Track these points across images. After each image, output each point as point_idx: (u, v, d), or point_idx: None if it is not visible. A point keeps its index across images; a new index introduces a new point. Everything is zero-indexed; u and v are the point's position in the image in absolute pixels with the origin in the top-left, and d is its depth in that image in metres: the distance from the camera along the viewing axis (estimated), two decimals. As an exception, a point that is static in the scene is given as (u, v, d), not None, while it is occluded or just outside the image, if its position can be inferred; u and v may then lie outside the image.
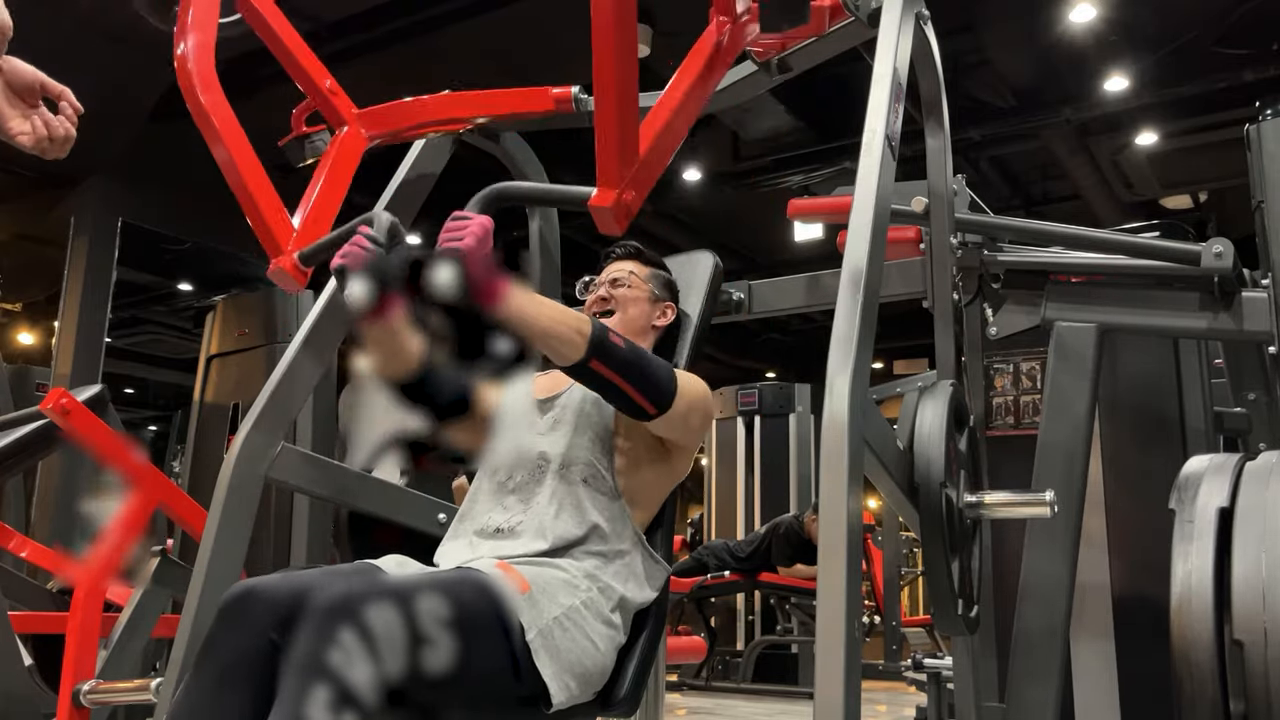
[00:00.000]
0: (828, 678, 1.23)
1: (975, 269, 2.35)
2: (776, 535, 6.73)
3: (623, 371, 1.58)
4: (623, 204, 1.36)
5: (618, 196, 1.36)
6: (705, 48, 1.52)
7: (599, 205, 1.36)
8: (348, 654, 1.26)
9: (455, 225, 1.44)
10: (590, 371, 1.56)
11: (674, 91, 1.48)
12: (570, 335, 1.53)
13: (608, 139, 1.33)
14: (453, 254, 1.37)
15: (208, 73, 1.65)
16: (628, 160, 1.35)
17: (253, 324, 4.84)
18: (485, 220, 1.44)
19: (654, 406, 1.64)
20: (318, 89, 1.87)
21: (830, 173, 6.97)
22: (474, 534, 1.72)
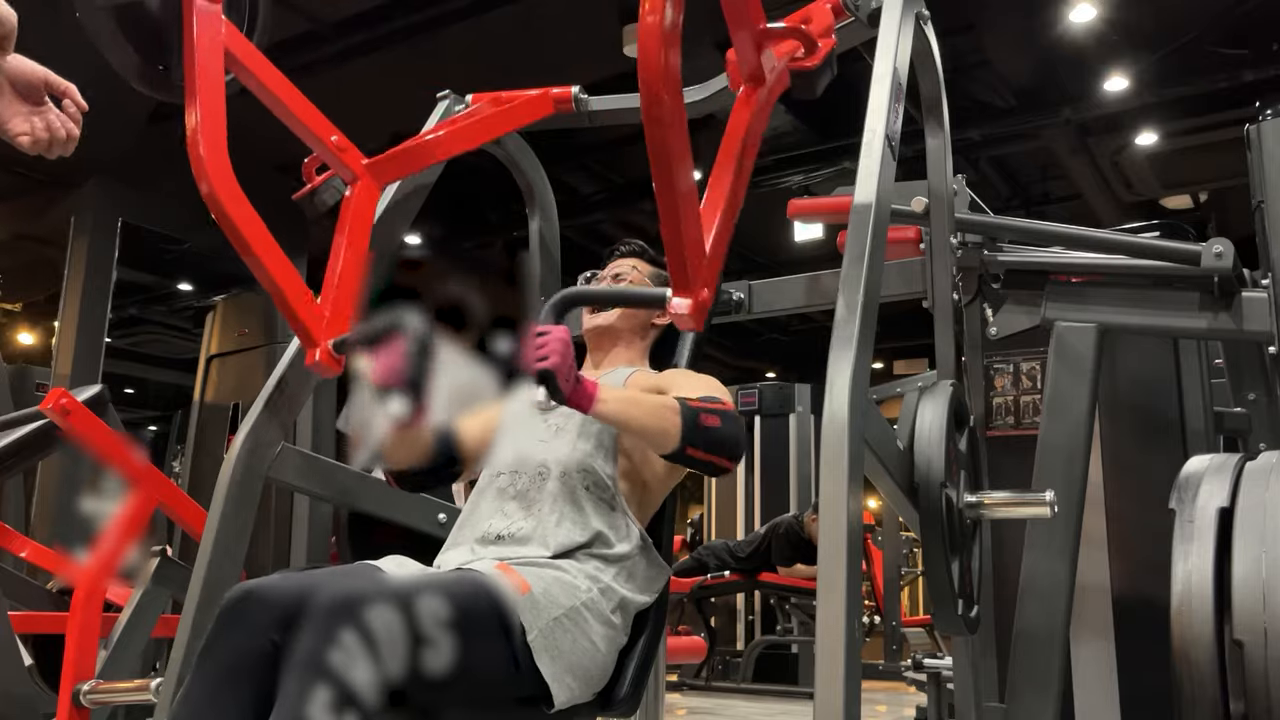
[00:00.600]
0: (828, 678, 1.23)
1: (975, 269, 2.35)
2: (776, 535, 6.73)
3: (713, 449, 1.61)
4: (701, 304, 1.43)
5: (696, 300, 1.42)
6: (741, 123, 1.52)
7: (681, 313, 1.43)
8: (348, 655, 1.26)
9: (539, 342, 1.48)
10: (685, 456, 1.61)
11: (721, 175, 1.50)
12: (664, 428, 1.58)
13: (677, 252, 1.39)
14: (544, 373, 1.44)
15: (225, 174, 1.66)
16: (696, 264, 1.41)
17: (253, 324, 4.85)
18: (563, 333, 1.49)
19: (733, 464, 1.67)
20: (325, 146, 1.87)
21: (830, 173, 6.97)
22: (475, 541, 1.72)
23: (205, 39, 1.66)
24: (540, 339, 1.48)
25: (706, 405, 1.61)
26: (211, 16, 1.67)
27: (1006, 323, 2.36)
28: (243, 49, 1.74)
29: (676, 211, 1.35)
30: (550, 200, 2.54)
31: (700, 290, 1.42)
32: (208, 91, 1.65)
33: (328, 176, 1.93)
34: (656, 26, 1.22)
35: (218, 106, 1.66)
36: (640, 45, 1.23)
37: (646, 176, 1.36)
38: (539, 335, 1.48)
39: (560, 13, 5.44)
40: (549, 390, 1.45)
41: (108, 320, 6.58)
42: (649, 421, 1.57)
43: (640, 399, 1.61)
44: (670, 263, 1.41)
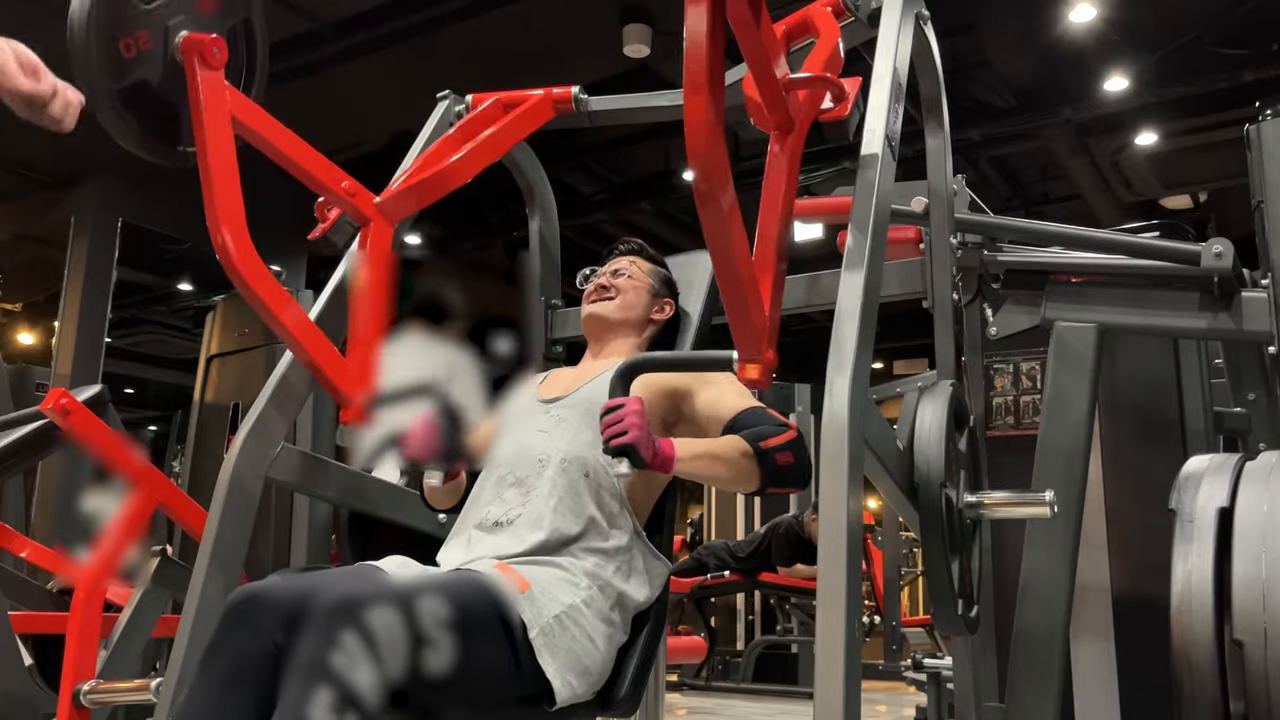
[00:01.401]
0: (828, 678, 1.23)
1: (975, 269, 2.35)
2: (776, 535, 6.73)
3: (790, 483, 1.66)
4: (768, 366, 1.47)
5: (763, 364, 1.47)
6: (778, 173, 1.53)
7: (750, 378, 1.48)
8: (350, 656, 1.26)
9: (614, 417, 1.53)
10: (766, 494, 1.69)
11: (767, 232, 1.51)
12: (745, 478, 1.64)
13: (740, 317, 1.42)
14: (627, 448, 1.50)
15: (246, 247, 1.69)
16: (760, 325, 1.44)
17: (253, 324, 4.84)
18: (637, 404, 1.54)
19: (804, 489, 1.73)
20: (336, 194, 1.88)
21: (830, 173, 6.97)
22: (473, 528, 1.73)
23: (211, 106, 1.67)
24: (615, 413, 1.53)
25: (776, 441, 1.64)
26: (215, 82, 1.68)
27: (1006, 323, 2.36)
28: (246, 110, 1.75)
29: (738, 287, 1.38)
30: (550, 200, 2.55)
31: (766, 352, 1.46)
32: (219, 159, 1.67)
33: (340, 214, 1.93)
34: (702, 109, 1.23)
35: (231, 172, 1.68)
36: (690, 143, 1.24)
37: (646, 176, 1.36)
38: (613, 409, 1.53)
39: (560, 13, 5.44)
40: (631, 461, 1.51)
41: (108, 320, 6.59)
42: (730, 473, 1.63)
43: (715, 452, 1.64)
44: (734, 331, 1.45)
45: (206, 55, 1.66)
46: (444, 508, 1.93)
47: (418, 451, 1.68)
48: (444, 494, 1.88)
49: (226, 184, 1.67)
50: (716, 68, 1.24)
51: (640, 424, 1.52)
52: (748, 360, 1.46)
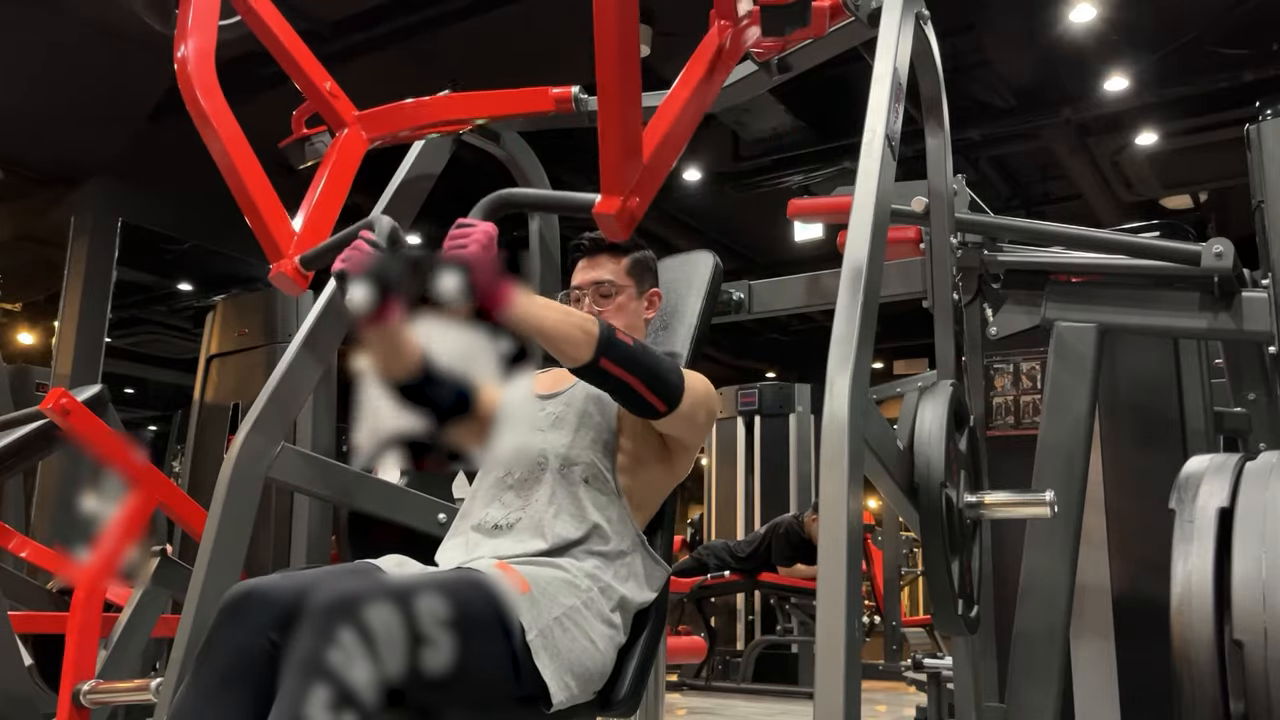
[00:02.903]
0: (828, 678, 1.23)
1: (975, 269, 2.35)
2: (776, 535, 6.73)
3: (632, 369, 1.58)
4: (627, 210, 1.36)
5: (623, 203, 1.36)
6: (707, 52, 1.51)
7: (604, 212, 1.36)
8: (347, 654, 1.26)
9: (460, 233, 1.44)
10: (600, 371, 1.57)
11: (676, 95, 1.47)
12: (579, 336, 1.54)
13: (611, 145, 1.33)
14: (458, 261, 1.39)
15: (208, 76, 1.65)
16: (632, 166, 1.35)
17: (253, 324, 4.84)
18: (489, 227, 1.45)
19: (664, 404, 1.63)
20: (318, 91, 1.86)
21: (830, 173, 6.97)
22: (472, 529, 1.72)
23: None
24: (462, 229, 1.43)
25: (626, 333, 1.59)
26: None
27: (1006, 323, 2.36)
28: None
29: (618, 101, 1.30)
30: (551, 200, 2.54)
31: (632, 196, 1.35)
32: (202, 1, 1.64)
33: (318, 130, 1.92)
34: None
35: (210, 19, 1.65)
36: None
37: (646, 176, 1.35)
38: (461, 226, 1.44)
39: (560, 13, 5.44)
40: (462, 283, 1.37)
41: (108, 320, 6.59)
42: (564, 328, 1.53)
43: (558, 306, 1.57)
44: (602, 161, 1.35)
45: None
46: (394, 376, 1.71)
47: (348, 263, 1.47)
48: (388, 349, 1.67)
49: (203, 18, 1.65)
50: None
51: (485, 244, 1.42)
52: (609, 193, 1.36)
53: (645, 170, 1.38)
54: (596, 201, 1.36)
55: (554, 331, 1.53)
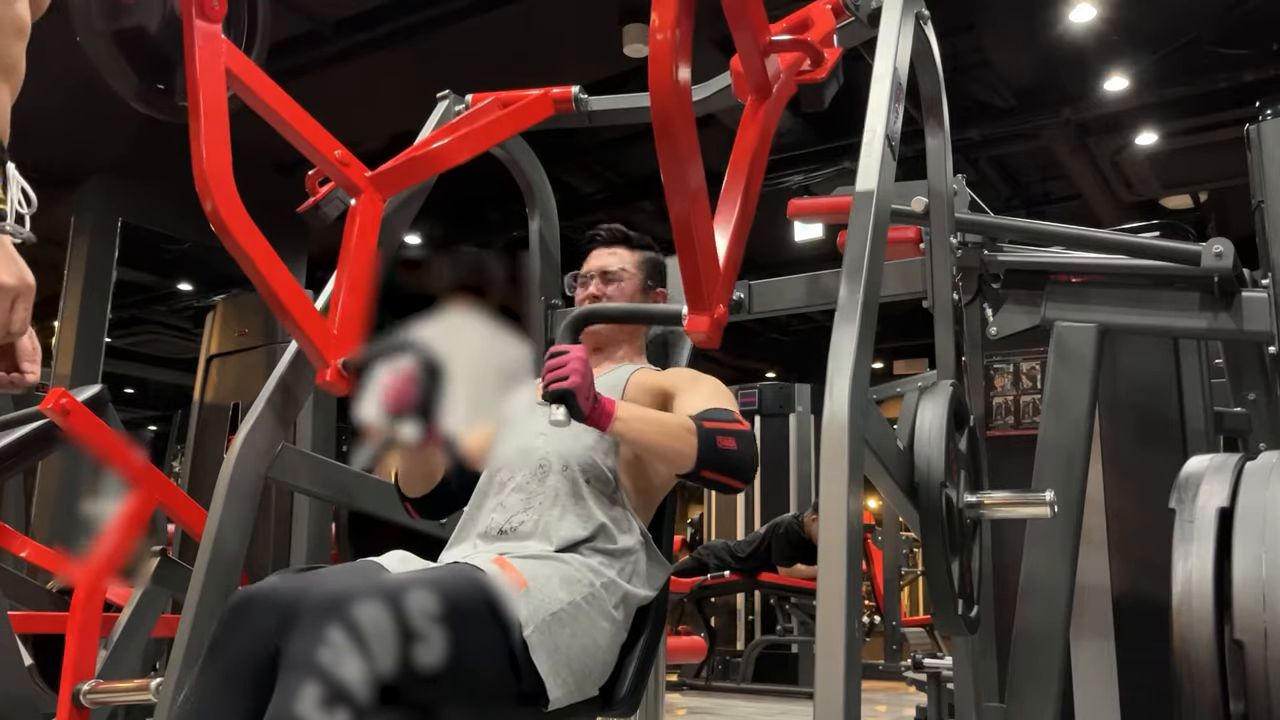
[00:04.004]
0: (828, 678, 1.23)
1: (975, 269, 2.35)
2: (776, 535, 6.73)
3: (727, 470, 1.62)
4: (717, 321, 1.44)
5: (712, 318, 1.44)
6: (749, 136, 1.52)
7: (697, 330, 1.45)
8: (339, 652, 1.26)
9: (556, 362, 1.50)
10: (699, 477, 1.63)
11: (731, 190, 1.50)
12: (680, 449, 1.59)
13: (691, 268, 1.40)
14: (564, 392, 1.47)
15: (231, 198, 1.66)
16: (711, 282, 1.42)
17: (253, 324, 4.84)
18: (581, 352, 1.51)
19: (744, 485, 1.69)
20: (328, 161, 1.87)
21: (830, 173, 6.97)
22: (477, 537, 1.72)
23: (206, 59, 1.66)
24: (558, 359, 1.50)
25: (723, 425, 1.62)
26: (211, 35, 1.67)
27: (1006, 323, 2.35)
28: (243, 67, 1.74)
29: (691, 231, 1.36)
30: (550, 200, 2.54)
31: (716, 307, 1.43)
32: (211, 112, 1.66)
33: (331, 188, 1.92)
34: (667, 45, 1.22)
35: (221, 126, 1.67)
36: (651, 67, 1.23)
37: (646, 176, 1.36)
38: (556, 355, 1.50)
39: (560, 13, 5.45)
40: (569, 410, 1.48)
41: (108, 320, 6.59)
42: (666, 443, 1.59)
43: (657, 419, 1.62)
44: (686, 282, 1.42)
45: (205, 7, 1.65)
46: (417, 494, 1.83)
47: (393, 402, 1.57)
48: (418, 472, 1.80)
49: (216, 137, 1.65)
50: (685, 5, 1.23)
51: (582, 371, 1.49)
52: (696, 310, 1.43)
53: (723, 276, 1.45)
54: (686, 316, 1.45)
55: (655, 446, 1.61)
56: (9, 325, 1.03)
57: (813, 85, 1.56)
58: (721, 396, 1.76)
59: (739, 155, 1.51)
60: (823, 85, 1.55)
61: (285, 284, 1.76)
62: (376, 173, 1.94)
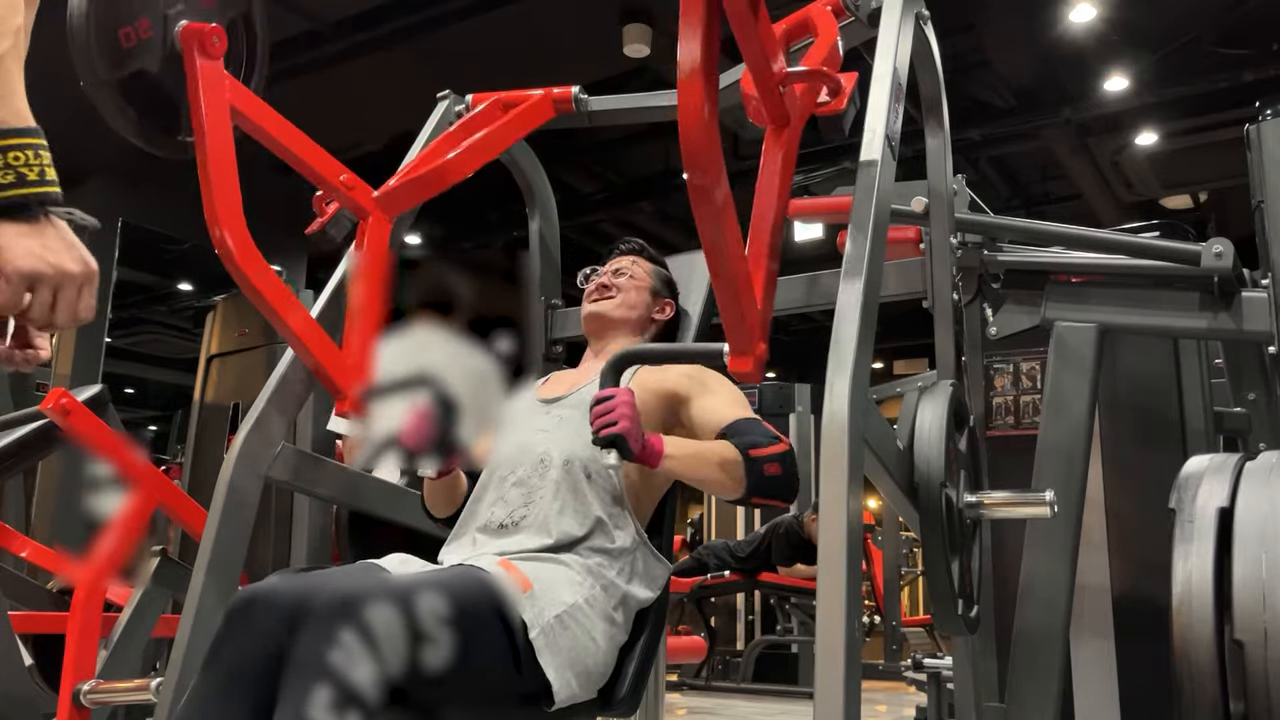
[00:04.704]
0: (828, 678, 1.23)
1: (975, 269, 2.35)
2: (776, 535, 6.73)
3: (776, 494, 1.65)
4: (759, 359, 1.46)
5: (755, 357, 1.46)
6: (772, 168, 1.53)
7: (740, 370, 1.47)
8: (348, 654, 1.26)
9: (605, 408, 1.53)
10: (750, 503, 1.70)
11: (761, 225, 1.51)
12: (729, 482, 1.63)
13: (732, 311, 1.42)
14: (616, 437, 1.51)
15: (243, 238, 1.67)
16: (752, 319, 1.44)
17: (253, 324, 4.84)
18: (628, 395, 1.55)
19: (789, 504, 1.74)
20: (334, 186, 1.87)
21: (830, 173, 6.96)
22: (477, 530, 1.73)
23: (210, 96, 1.66)
24: (606, 404, 1.53)
25: (768, 452, 1.64)
26: (215, 72, 1.67)
27: (1006, 323, 2.35)
28: (246, 101, 1.74)
29: (731, 280, 1.38)
30: (550, 200, 2.55)
31: (757, 345, 1.45)
32: (217, 149, 1.66)
33: (338, 209, 1.93)
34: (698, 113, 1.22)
35: (229, 163, 1.68)
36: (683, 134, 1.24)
37: (646, 176, 1.36)
38: (604, 400, 1.54)
39: (560, 13, 5.45)
40: (620, 453, 1.51)
41: (108, 320, 6.59)
42: (717, 477, 1.63)
43: (703, 453, 1.64)
44: (726, 325, 1.44)
45: (206, 44, 1.66)
46: (443, 514, 1.88)
47: (412, 442, 1.61)
48: (442, 494, 1.85)
49: (224, 174, 1.67)
50: (711, 60, 1.24)
51: (631, 415, 1.52)
52: (739, 353, 1.46)
53: (761, 314, 1.46)
54: (728, 355, 1.47)
55: (706, 481, 1.64)
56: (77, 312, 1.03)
57: (833, 119, 1.56)
58: (741, 403, 1.79)
59: (765, 188, 1.52)
60: (842, 116, 1.55)
61: (299, 319, 1.79)
62: (382, 193, 1.94)
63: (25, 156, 0.99)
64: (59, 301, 1.01)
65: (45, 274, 1.00)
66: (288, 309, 1.77)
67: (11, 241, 0.98)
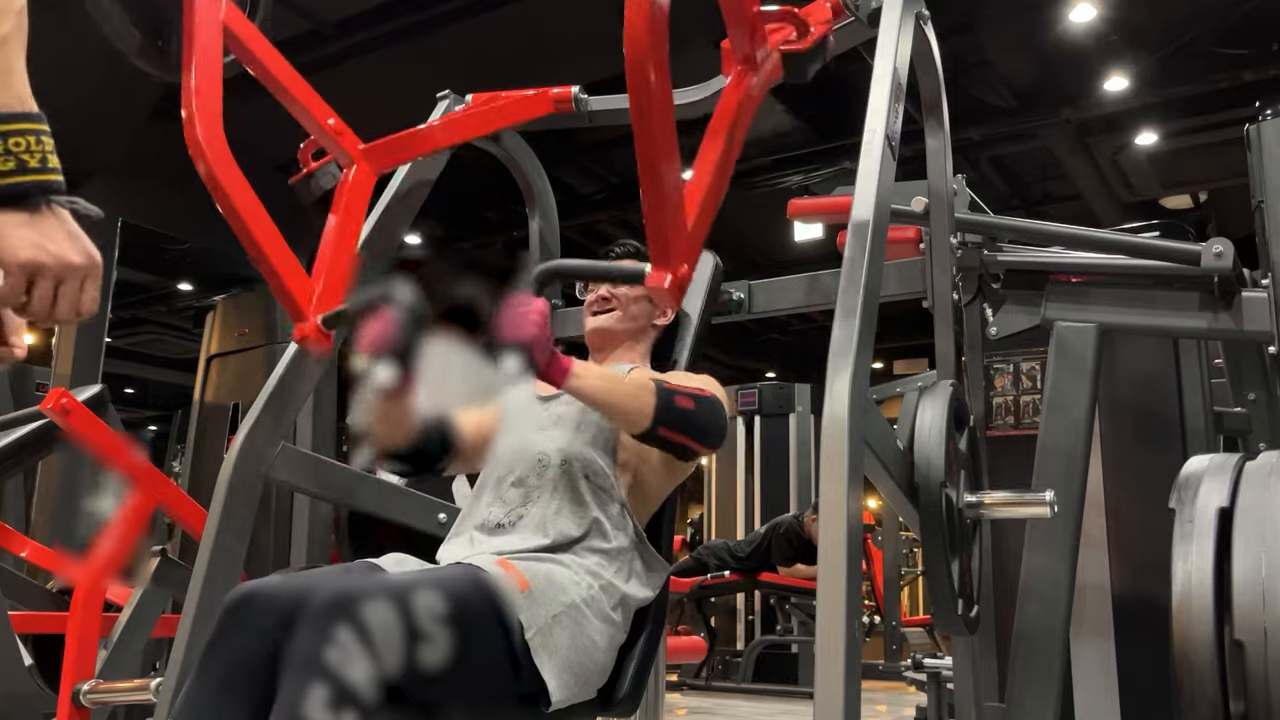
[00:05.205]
0: (828, 678, 1.23)
1: (975, 269, 2.35)
2: (776, 535, 6.73)
3: (686, 430, 1.62)
4: (678, 281, 1.40)
5: (674, 275, 1.39)
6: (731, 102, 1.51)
7: (656, 286, 1.39)
8: (345, 652, 1.26)
9: (516, 313, 1.47)
10: (657, 437, 1.62)
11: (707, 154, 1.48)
12: (636, 405, 1.59)
13: (657, 224, 1.36)
14: (519, 343, 1.43)
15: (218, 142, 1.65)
16: (678, 239, 1.39)
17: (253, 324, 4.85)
18: (543, 305, 1.49)
19: (708, 450, 1.69)
20: (321, 129, 1.87)
21: (830, 173, 6.97)
22: (475, 529, 1.73)
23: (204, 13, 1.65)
24: (517, 310, 1.46)
25: (683, 388, 1.62)
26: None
27: (1006, 323, 2.35)
28: (243, 28, 1.73)
29: (659, 183, 1.33)
30: (550, 200, 2.55)
31: (680, 266, 1.39)
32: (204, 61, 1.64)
33: (324, 162, 1.93)
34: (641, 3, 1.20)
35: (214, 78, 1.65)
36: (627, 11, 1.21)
37: (646, 176, 1.35)
38: (516, 307, 1.47)
39: (560, 13, 5.44)
40: (524, 361, 1.42)
41: (108, 320, 6.58)
42: (623, 399, 1.58)
43: (616, 377, 1.62)
44: (650, 237, 1.39)
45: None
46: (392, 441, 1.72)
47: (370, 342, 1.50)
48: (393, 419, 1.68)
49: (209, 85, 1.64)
50: None
51: (540, 324, 1.45)
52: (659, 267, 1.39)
53: (690, 236, 1.41)
54: (648, 273, 1.40)
55: (613, 403, 1.59)
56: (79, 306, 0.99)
57: (796, 56, 1.54)
58: (709, 386, 1.76)
59: (719, 120, 1.49)
60: (806, 57, 1.54)
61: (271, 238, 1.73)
62: (370, 145, 1.95)
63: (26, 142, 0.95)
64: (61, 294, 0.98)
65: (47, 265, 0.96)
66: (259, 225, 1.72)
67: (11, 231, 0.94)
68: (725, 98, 1.52)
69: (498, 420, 1.86)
